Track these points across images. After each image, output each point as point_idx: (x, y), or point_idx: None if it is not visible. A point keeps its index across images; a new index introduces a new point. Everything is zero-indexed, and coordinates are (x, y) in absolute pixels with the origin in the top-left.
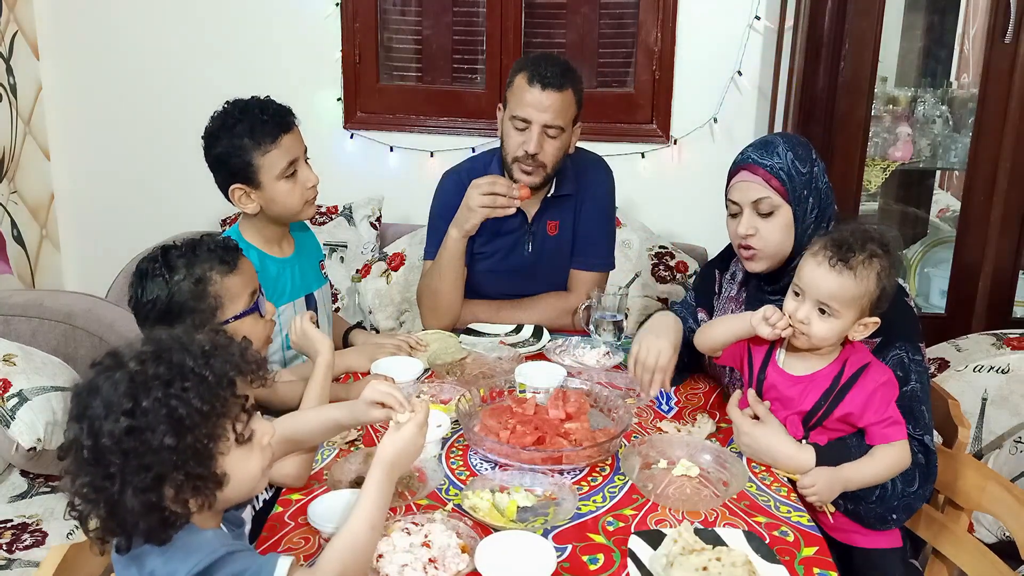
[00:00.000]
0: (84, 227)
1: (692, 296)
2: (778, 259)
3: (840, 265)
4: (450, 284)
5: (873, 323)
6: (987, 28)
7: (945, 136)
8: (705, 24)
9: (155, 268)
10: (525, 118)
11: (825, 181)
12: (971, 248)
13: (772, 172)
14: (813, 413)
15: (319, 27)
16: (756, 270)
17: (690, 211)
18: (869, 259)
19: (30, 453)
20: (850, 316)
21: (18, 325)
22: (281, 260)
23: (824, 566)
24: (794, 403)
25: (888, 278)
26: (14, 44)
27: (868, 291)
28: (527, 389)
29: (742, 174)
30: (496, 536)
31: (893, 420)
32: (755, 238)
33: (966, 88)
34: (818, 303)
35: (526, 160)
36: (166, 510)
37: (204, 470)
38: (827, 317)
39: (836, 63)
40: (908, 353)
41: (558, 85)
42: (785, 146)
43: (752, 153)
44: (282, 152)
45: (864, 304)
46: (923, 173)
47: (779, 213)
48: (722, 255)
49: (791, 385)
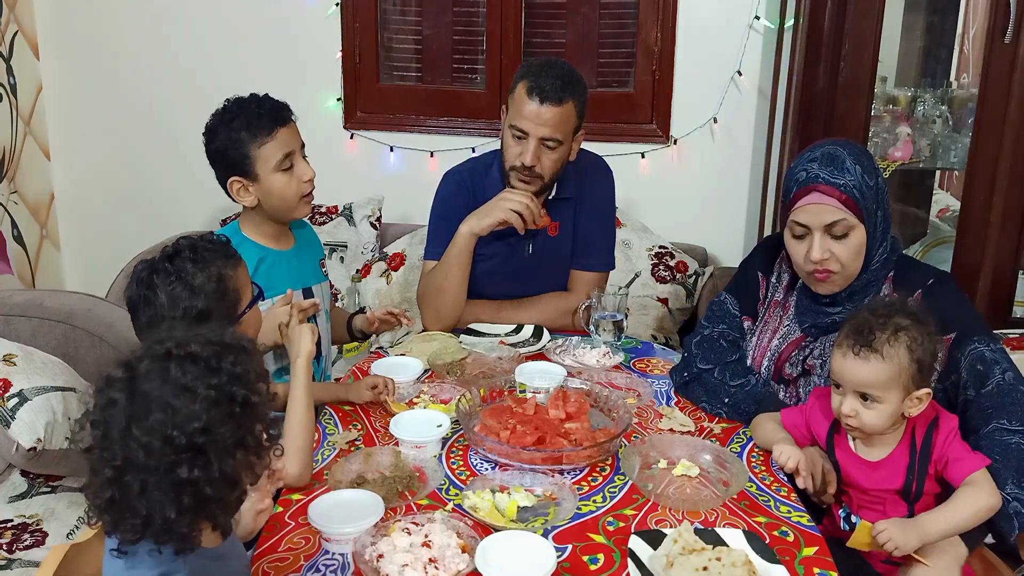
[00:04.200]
0: (84, 227)
1: (734, 304)
2: (852, 278)
3: (864, 351)
4: (456, 282)
5: (926, 395)
6: (987, 28)
7: (945, 136)
8: (705, 24)
9: (170, 280)
10: (523, 130)
11: (887, 190)
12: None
13: (846, 191)
14: (908, 489)
15: (319, 27)
16: (830, 292)
17: (690, 211)
18: (894, 335)
19: (30, 453)
20: (895, 397)
21: (18, 325)
22: (278, 252)
23: (824, 566)
24: (884, 482)
25: (922, 347)
26: (14, 44)
27: (903, 368)
28: (527, 389)
29: (813, 196)
30: (496, 536)
31: (968, 454)
32: (831, 261)
33: (966, 88)
34: (857, 394)
35: (523, 171)
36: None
37: (237, 496)
38: (872, 404)
39: (836, 63)
40: (988, 345)
41: (557, 99)
42: (852, 159)
43: (821, 171)
44: (278, 145)
45: (905, 381)
46: (923, 173)
47: (854, 234)
48: (762, 258)
49: (872, 470)
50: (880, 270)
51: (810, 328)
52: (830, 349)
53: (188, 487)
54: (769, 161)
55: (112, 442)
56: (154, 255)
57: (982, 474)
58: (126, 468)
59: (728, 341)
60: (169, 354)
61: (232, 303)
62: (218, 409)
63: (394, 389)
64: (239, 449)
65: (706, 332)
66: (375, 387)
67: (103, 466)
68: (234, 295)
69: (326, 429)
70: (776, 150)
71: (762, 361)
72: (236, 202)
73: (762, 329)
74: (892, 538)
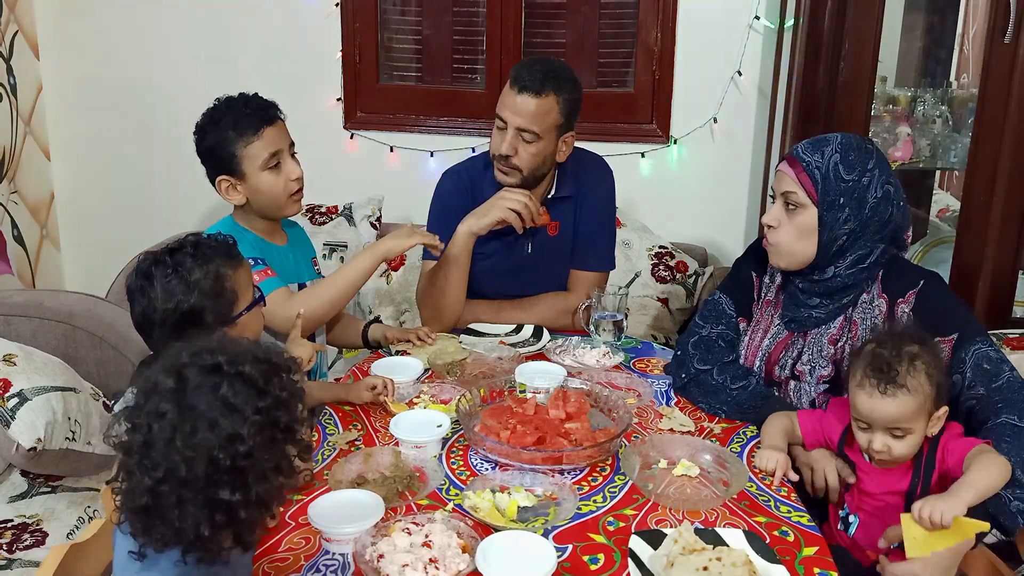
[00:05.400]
0: (84, 227)
1: (729, 303)
2: (797, 260)
3: (891, 388)
4: (455, 282)
5: (944, 412)
6: (987, 28)
7: (945, 136)
8: (705, 24)
9: (167, 272)
10: (503, 118)
11: (878, 197)
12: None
13: (807, 170)
14: (912, 492)
15: (319, 27)
16: (776, 264)
17: (690, 211)
18: (912, 364)
19: (30, 453)
20: (922, 425)
21: (18, 325)
22: (273, 245)
23: (824, 566)
24: (890, 484)
25: (937, 369)
26: (14, 44)
27: (927, 395)
28: (527, 389)
29: (783, 164)
30: (497, 536)
31: (967, 440)
32: (774, 231)
33: (966, 88)
34: (888, 430)
35: (501, 160)
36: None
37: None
38: (902, 436)
39: (836, 63)
40: (991, 346)
41: (536, 90)
42: (836, 147)
43: (800, 146)
44: (264, 143)
45: (929, 407)
46: (923, 173)
47: (803, 213)
48: (755, 256)
49: (880, 475)
50: (860, 275)
51: (790, 323)
52: (816, 354)
53: (224, 506)
54: (769, 161)
55: (155, 451)
56: (159, 248)
57: (985, 446)
58: (166, 479)
59: (726, 342)
60: (220, 369)
61: (228, 303)
62: (263, 434)
63: (394, 389)
64: (275, 473)
65: (703, 332)
66: (374, 387)
67: (142, 473)
68: (231, 295)
69: (326, 429)
70: (776, 150)
71: (754, 361)
72: (226, 200)
73: (754, 328)
74: (934, 508)
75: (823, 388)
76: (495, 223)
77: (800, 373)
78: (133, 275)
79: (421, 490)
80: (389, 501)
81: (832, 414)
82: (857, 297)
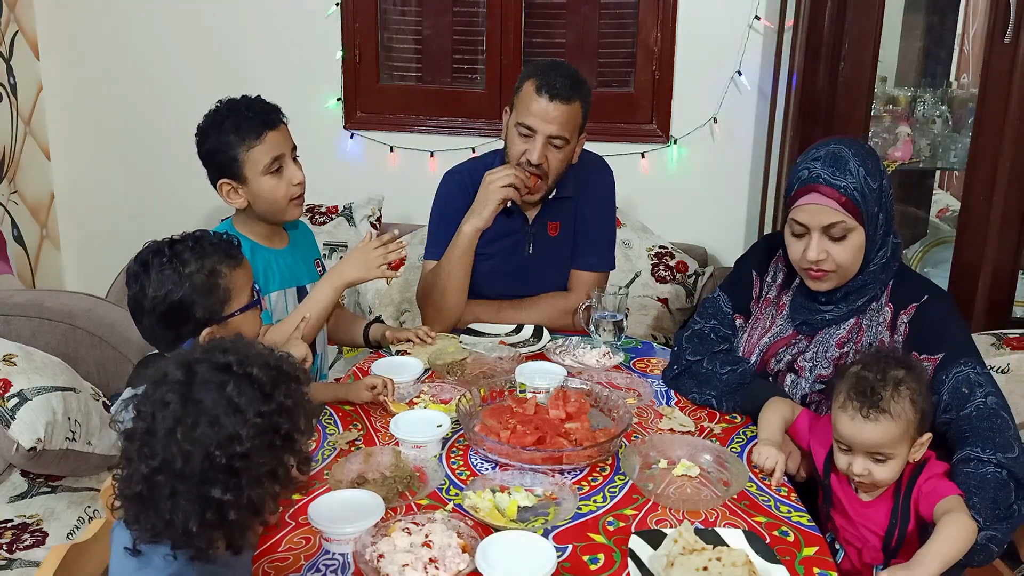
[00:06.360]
0: (84, 227)
1: (727, 302)
2: (848, 277)
3: (874, 412)
4: (457, 282)
5: (927, 439)
6: (987, 28)
7: (945, 136)
8: (705, 24)
9: (163, 261)
10: (531, 127)
11: (890, 190)
12: (971, 248)
13: (847, 194)
14: (889, 537)
15: (319, 27)
16: (822, 289)
17: (690, 211)
18: (896, 390)
19: (30, 453)
20: (904, 450)
21: (18, 325)
22: (270, 250)
23: (824, 566)
24: (869, 522)
25: (922, 396)
26: (14, 44)
27: (910, 421)
28: (527, 389)
29: (812, 196)
30: (497, 536)
31: (939, 483)
32: (827, 262)
33: (966, 88)
34: (869, 454)
35: (528, 168)
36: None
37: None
38: (883, 461)
39: (836, 63)
40: (974, 368)
41: (566, 97)
42: (856, 160)
43: (823, 171)
44: (266, 148)
45: (912, 433)
46: (923, 173)
47: (852, 236)
48: (758, 256)
49: (861, 506)
50: (879, 273)
51: (802, 325)
52: (821, 354)
53: (214, 504)
54: (769, 161)
55: (155, 440)
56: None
57: (956, 500)
58: (162, 469)
59: (719, 336)
60: (229, 368)
61: (219, 301)
62: (262, 438)
63: (394, 389)
64: (270, 480)
65: (697, 327)
66: (374, 387)
67: (140, 460)
68: (223, 294)
69: (326, 429)
70: (776, 150)
71: (750, 357)
72: (227, 204)
73: (753, 326)
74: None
75: (819, 387)
76: (496, 210)
77: (800, 368)
78: (133, 260)
79: (421, 490)
80: (389, 501)
81: (814, 438)
82: (869, 302)
